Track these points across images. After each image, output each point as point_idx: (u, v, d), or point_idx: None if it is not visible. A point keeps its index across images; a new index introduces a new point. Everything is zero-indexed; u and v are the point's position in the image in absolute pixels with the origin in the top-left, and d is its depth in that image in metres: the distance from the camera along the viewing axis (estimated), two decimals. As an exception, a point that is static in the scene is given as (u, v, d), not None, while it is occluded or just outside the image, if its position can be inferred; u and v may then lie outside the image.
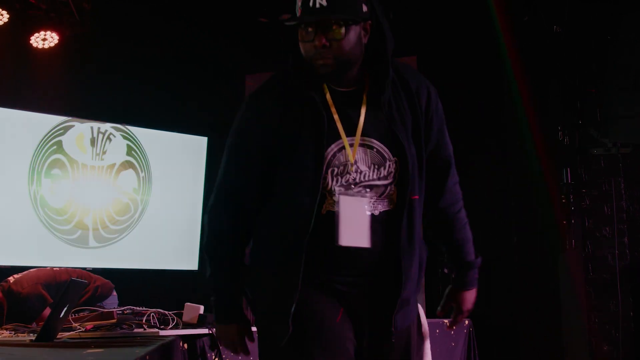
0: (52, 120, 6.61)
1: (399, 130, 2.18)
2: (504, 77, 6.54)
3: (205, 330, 3.13)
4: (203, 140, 7.52)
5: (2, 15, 6.12)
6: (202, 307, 3.27)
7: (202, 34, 7.28)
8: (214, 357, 3.11)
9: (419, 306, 3.55)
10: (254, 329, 2.32)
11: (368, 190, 2.16)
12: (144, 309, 3.35)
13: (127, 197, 6.98)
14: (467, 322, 5.12)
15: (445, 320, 4.74)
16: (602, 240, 6.46)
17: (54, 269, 4.77)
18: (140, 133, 7.15)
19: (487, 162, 6.63)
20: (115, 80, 7.12)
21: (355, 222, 2.13)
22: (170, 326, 3.18)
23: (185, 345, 2.97)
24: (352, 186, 2.15)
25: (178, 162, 7.35)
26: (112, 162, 6.88)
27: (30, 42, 6.53)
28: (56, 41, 6.56)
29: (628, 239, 6.41)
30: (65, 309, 2.97)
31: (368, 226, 2.14)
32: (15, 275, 4.59)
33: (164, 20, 7.02)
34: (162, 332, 3.03)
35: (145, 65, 7.22)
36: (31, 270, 4.72)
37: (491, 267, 6.73)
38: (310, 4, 2.09)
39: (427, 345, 3.96)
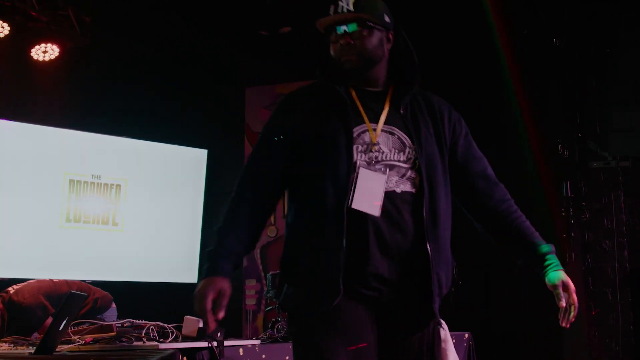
0: (52, 132, 6.62)
1: (409, 125, 2.37)
2: (504, 90, 6.56)
3: (204, 344, 3.12)
4: (203, 153, 7.52)
5: (2, 27, 6.12)
6: (201, 321, 3.25)
7: (203, 47, 7.30)
8: (213, 370, 3.10)
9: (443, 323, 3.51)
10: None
11: (389, 169, 2.31)
12: (143, 321, 3.33)
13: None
14: (466, 335, 5.10)
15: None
16: (602, 253, 6.46)
17: (54, 280, 4.76)
18: (141, 145, 7.16)
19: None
20: (115, 92, 7.13)
21: (370, 191, 2.26)
22: (169, 339, 3.17)
23: (185, 359, 2.97)
24: (374, 163, 2.30)
25: (178, 174, 7.35)
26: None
27: (31, 54, 6.54)
28: (57, 54, 6.57)
29: (628, 252, 6.41)
30: (65, 321, 2.96)
31: (381, 199, 2.27)
32: (15, 286, 4.58)
33: (164, 33, 7.03)
34: (162, 345, 3.02)
35: (145, 78, 7.23)
36: (31, 281, 4.71)
37: (491, 281, 6.75)
38: (339, 9, 2.38)
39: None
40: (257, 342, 3.55)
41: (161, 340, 3.15)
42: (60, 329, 2.95)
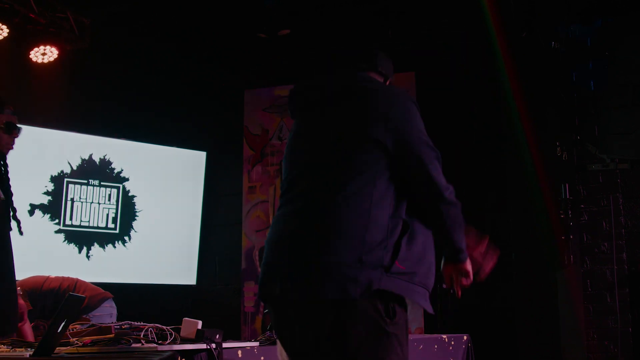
0: (51, 134, 6.62)
1: None
2: (502, 93, 6.55)
3: (203, 346, 3.12)
4: (202, 155, 7.52)
5: (1, 29, 6.12)
6: (200, 322, 3.25)
7: (201, 49, 7.30)
8: (211, 372, 3.09)
9: None
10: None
11: None
12: (142, 323, 3.32)
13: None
14: (465, 337, 5.10)
15: (444, 336, 4.73)
16: (600, 256, 6.45)
17: (50, 277, 4.78)
18: (139, 148, 7.15)
19: (485, 178, 6.63)
20: (114, 95, 7.14)
21: None
22: (168, 341, 3.16)
23: (183, 361, 2.96)
24: None
25: (177, 176, 7.35)
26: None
27: (30, 56, 6.54)
28: (55, 56, 6.57)
29: (626, 254, 6.41)
30: (63, 324, 2.96)
31: None
32: None
33: (163, 36, 7.04)
34: (160, 347, 3.01)
35: (144, 80, 7.23)
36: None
37: (489, 283, 6.74)
38: None
39: None
40: (256, 344, 3.55)
41: (160, 342, 3.14)
42: (59, 330, 2.94)
